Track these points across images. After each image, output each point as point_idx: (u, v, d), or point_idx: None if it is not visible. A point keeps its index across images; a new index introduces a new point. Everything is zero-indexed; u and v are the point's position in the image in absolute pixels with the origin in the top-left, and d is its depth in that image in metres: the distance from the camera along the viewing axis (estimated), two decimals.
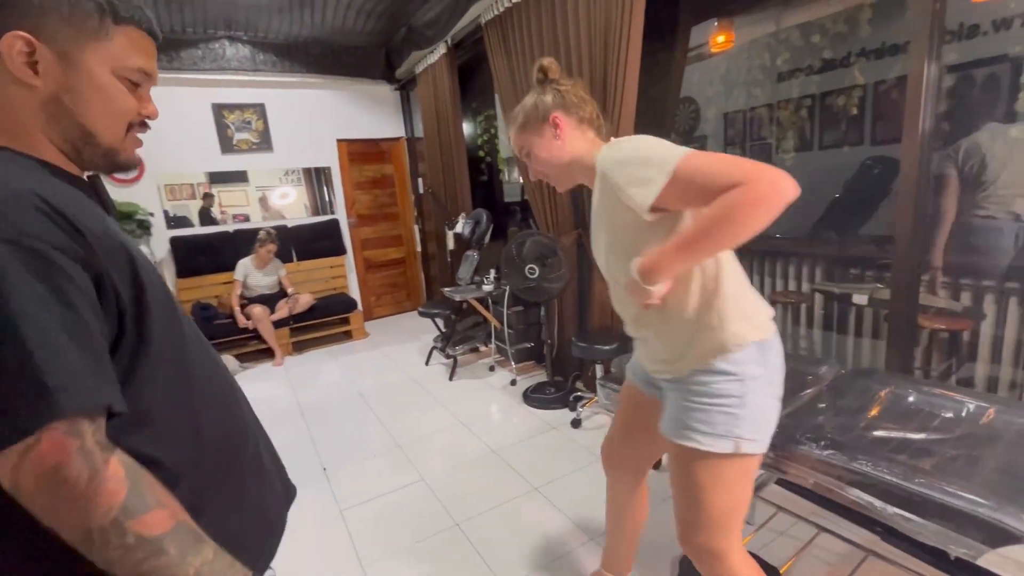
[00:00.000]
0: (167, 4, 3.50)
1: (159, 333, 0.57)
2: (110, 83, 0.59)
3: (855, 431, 1.16)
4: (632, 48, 2.19)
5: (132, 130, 0.63)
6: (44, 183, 0.52)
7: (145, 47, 0.62)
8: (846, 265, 2.74)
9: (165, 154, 4.16)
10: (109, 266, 0.52)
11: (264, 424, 2.09)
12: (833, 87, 3.40)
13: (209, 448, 0.63)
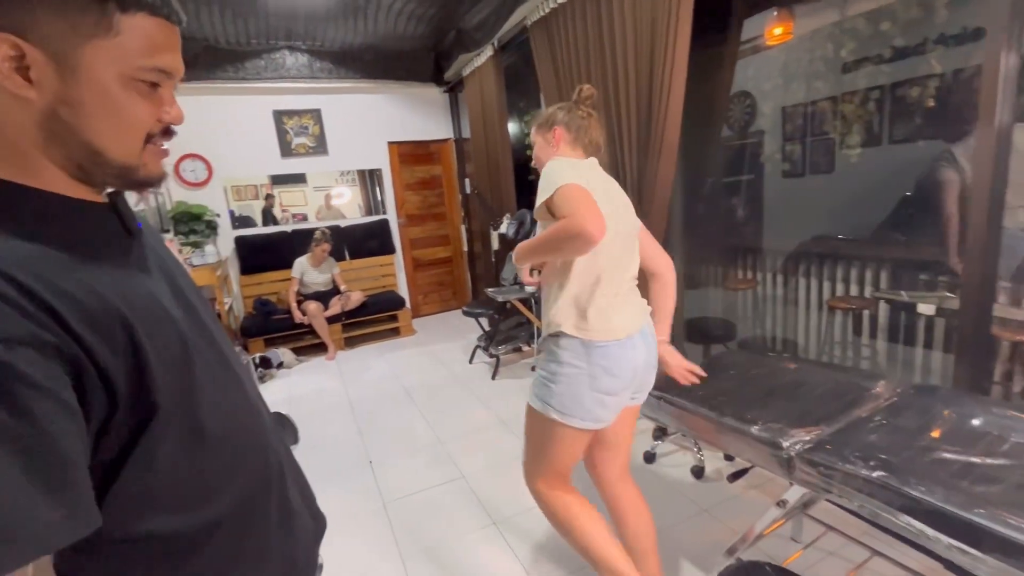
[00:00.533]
0: (234, 18, 3.72)
1: (165, 398, 0.49)
2: (118, 90, 0.47)
3: (911, 452, 1.08)
4: (680, 45, 2.13)
5: (152, 141, 0.52)
6: (13, 251, 0.43)
7: (163, 39, 0.49)
8: (915, 270, 2.55)
9: (231, 158, 4.44)
10: (94, 340, 0.43)
11: (316, 416, 2.25)
12: (905, 77, 3.17)
13: (228, 506, 0.56)
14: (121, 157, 0.50)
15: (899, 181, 3.09)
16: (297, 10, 3.68)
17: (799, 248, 3.09)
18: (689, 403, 1.41)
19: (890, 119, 3.36)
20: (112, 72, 0.47)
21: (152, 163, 0.53)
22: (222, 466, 0.56)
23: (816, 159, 3.88)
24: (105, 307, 0.46)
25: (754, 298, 3.30)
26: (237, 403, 0.60)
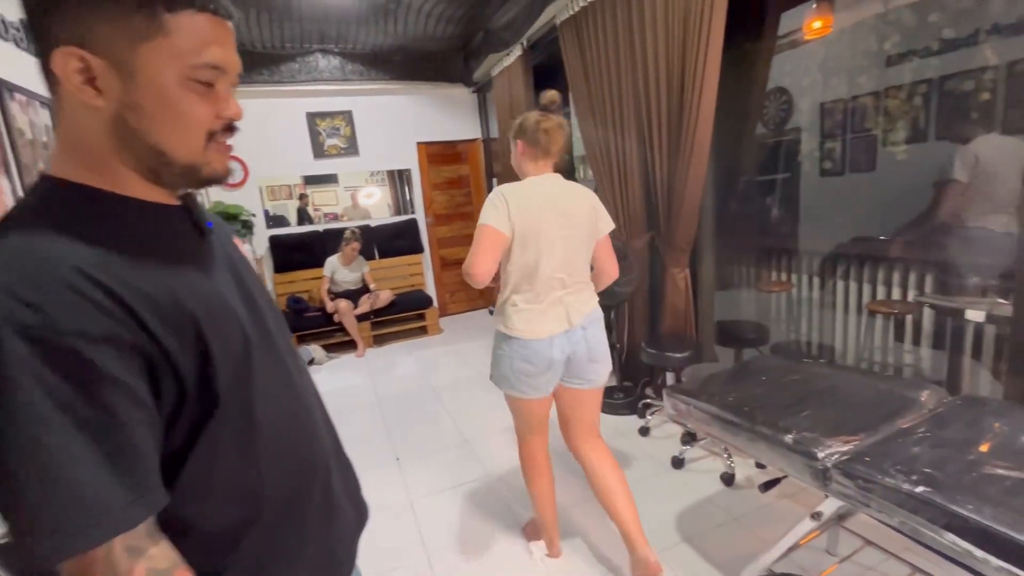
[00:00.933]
0: (269, 23, 3.83)
1: (225, 392, 0.52)
2: (176, 91, 0.48)
3: (957, 467, 1.03)
4: (713, 41, 2.08)
5: (214, 139, 0.52)
6: (92, 252, 0.45)
7: (214, 35, 0.49)
8: (964, 273, 2.42)
9: (266, 159, 4.56)
10: (166, 337, 0.47)
11: (345, 412, 2.29)
12: (955, 70, 3.01)
13: (272, 501, 0.58)
14: (185, 157, 0.51)
15: None
16: (329, 14, 3.75)
17: (837, 249, 2.97)
18: (719, 408, 1.38)
19: (937, 114, 3.20)
20: (168, 73, 0.48)
21: (216, 160, 0.54)
22: (271, 460, 0.57)
23: (856, 157, 3.74)
24: (177, 305, 0.48)
25: (789, 301, 3.19)
26: (290, 398, 0.62)
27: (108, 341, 0.43)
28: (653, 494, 2.08)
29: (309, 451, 0.64)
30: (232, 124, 0.54)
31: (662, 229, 2.60)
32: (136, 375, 0.45)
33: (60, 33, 0.45)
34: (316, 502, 0.64)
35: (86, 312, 0.42)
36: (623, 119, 2.68)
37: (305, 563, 0.62)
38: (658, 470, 2.26)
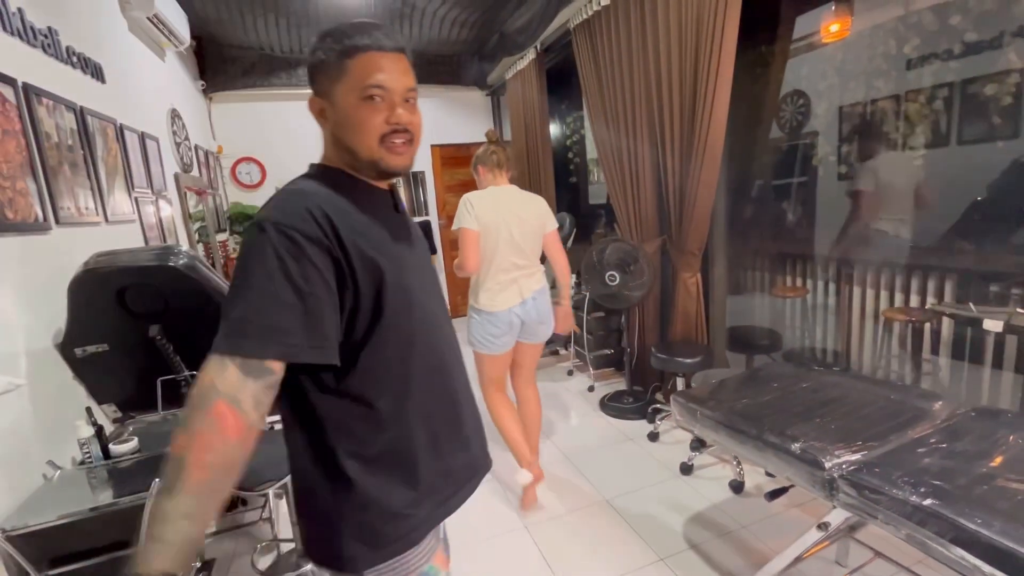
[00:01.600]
0: (288, 28, 3.89)
1: (391, 314, 0.71)
2: (355, 108, 0.72)
3: (968, 479, 1.01)
4: (726, 45, 2.07)
5: (387, 140, 0.73)
6: (329, 199, 0.71)
7: (374, 64, 0.72)
8: (985, 281, 2.36)
9: (283, 161, 4.64)
10: (355, 261, 0.68)
11: None
12: (978, 73, 2.95)
13: (413, 405, 0.76)
14: (366, 155, 0.74)
15: (968, 185, 2.88)
16: (346, 18, 3.81)
17: (854, 255, 2.93)
18: (726, 416, 1.37)
19: (960, 118, 3.14)
20: (351, 98, 0.72)
21: (388, 157, 0.75)
22: (418, 374, 0.76)
23: None
24: (368, 243, 0.70)
25: (803, 307, 3.15)
26: (436, 332, 0.81)
27: (317, 243, 0.65)
28: (661, 500, 2.07)
29: (445, 376, 0.82)
30: (399, 128, 0.73)
31: (673, 233, 2.59)
32: (328, 271, 0.66)
33: (313, 87, 0.76)
34: (448, 420, 0.81)
35: (308, 223, 0.66)
36: (635, 122, 2.68)
37: (428, 463, 0.77)
38: (667, 476, 2.24)
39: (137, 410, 1.89)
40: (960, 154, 3.13)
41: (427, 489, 0.76)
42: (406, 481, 0.74)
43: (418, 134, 0.77)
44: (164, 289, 1.63)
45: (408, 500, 0.74)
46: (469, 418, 0.87)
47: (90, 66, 2.09)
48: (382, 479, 0.72)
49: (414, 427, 0.75)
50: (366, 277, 0.69)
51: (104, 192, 2.05)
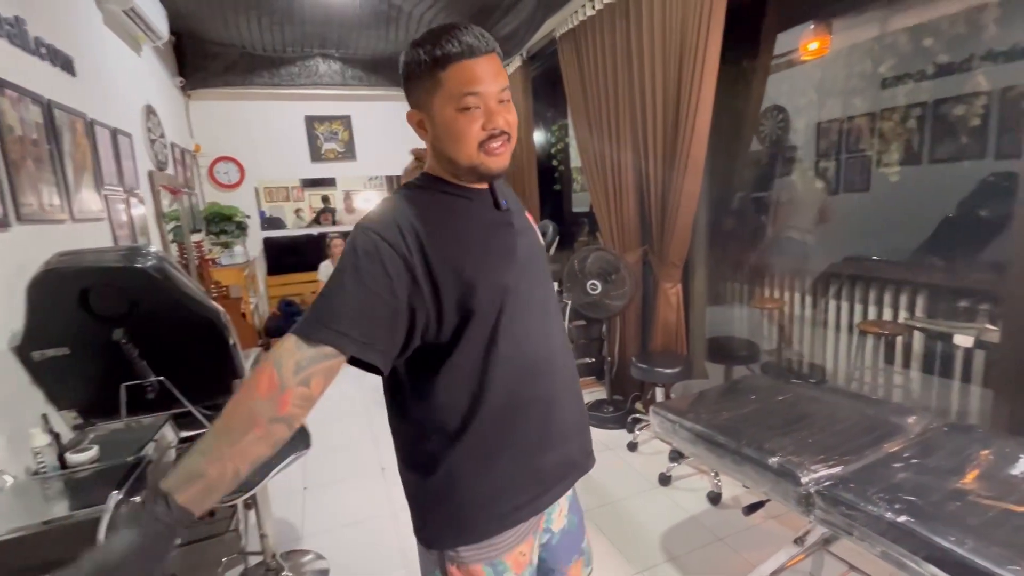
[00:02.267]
0: (271, 26, 3.84)
1: (480, 312, 0.74)
2: (453, 119, 0.73)
3: (941, 495, 1.02)
4: (709, 59, 2.09)
5: (484, 146, 0.75)
6: (425, 211, 0.75)
7: (467, 73, 0.71)
8: (954, 296, 2.42)
9: (263, 161, 4.56)
10: (436, 273, 0.72)
11: (333, 419, 2.33)
12: (949, 94, 3.04)
13: (495, 406, 0.78)
14: (466, 161, 0.75)
15: (939, 202, 2.96)
16: (331, 19, 3.77)
17: (830, 268, 2.99)
18: (704, 428, 1.37)
19: (931, 137, 3.23)
20: (448, 109, 0.73)
21: (487, 161, 0.75)
22: (500, 371, 0.77)
23: (851, 177, 3.76)
24: (460, 253, 0.74)
25: (780, 318, 3.19)
26: (532, 336, 0.81)
27: (396, 253, 0.70)
28: (639, 511, 2.06)
29: (537, 376, 0.82)
30: (496, 132, 0.74)
31: (655, 243, 2.60)
32: (401, 281, 0.70)
33: (409, 100, 0.78)
34: (536, 420, 0.82)
35: (393, 233, 0.70)
36: (619, 132, 2.69)
37: (504, 467, 0.79)
38: (645, 486, 2.24)
39: (100, 416, 1.81)
40: (932, 172, 3.22)
41: (508, 485, 0.80)
42: (485, 477, 0.79)
43: (515, 132, 0.78)
44: (130, 291, 1.56)
45: (486, 495, 0.79)
46: (567, 417, 0.87)
47: (60, 58, 2.02)
48: (462, 473, 0.78)
49: (495, 427, 0.79)
50: (450, 287, 0.73)
51: (71, 189, 1.97)
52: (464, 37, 0.71)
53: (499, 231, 0.81)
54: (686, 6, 2.12)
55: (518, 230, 0.84)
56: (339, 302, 0.68)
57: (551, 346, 0.85)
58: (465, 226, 0.79)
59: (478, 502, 0.79)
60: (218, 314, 1.74)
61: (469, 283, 0.73)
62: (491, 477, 0.79)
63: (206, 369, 1.86)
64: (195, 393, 1.87)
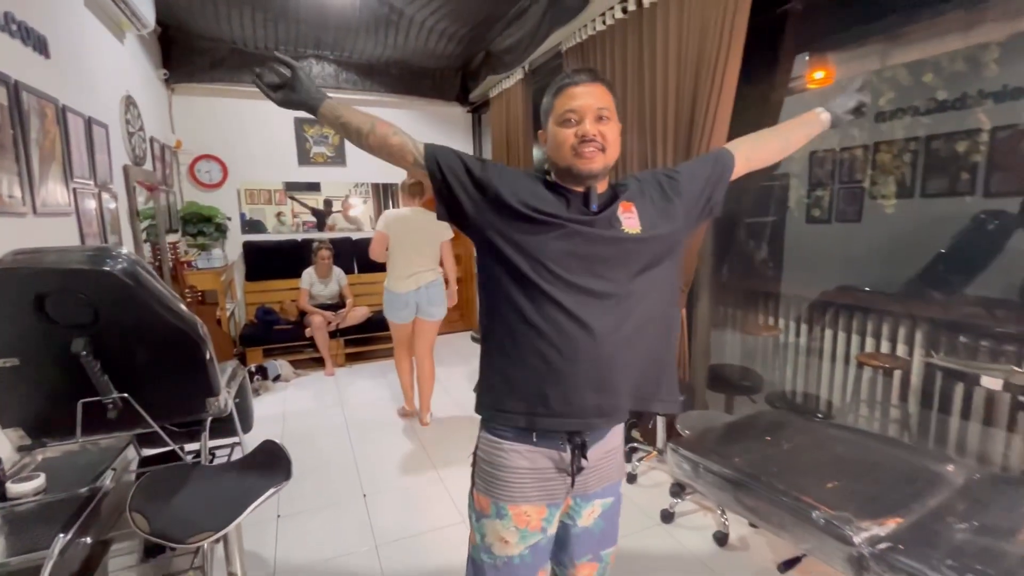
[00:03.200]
0: (264, 23, 3.69)
1: (517, 261, 0.94)
2: (556, 133, 0.97)
3: (1013, 563, 0.92)
4: (727, 82, 2.03)
5: (576, 150, 0.94)
6: (522, 178, 1.00)
7: (567, 96, 0.97)
8: (951, 330, 2.39)
9: (247, 162, 4.36)
10: (494, 197, 0.96)
11: (310, 437, 2.24)
12: (944, 131, 3.07)
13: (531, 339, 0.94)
14: (563, 164, 0.97)
15: (931, 236, 2.96)
16: (329, 19, 3.64)
17: (823, 296, 2.96)
18: (735, 473, 1.25)
19: (924, 172, 3.25)
20: (555, 125, 0.97)
21: (577, 163, 0.95)
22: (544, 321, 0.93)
23: (843, 207, 3.77)
24: (521, 201, 0.95)
25: (775, 346, 3.14)
26: (576, 303, 0.93)
27: (484, 178, 0.98)
28: (640, 551, 1.93)
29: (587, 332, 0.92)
30: (587, 138, 0.93)
31: None
32: (472, 189, 0.98)
33: (543, 125, 1.03)
34: (577, 363, 0.93)
35: (492, 168, 0.99)
36: (625, 150, 2.62)
37: (538, 380, 0.95)
38: (646, 523, 2.11)
39: (51, 436, 1.61)
40: (923, 206, 3.23)
41: (533, 400, 0.95)
42: (512, 383, 0.97)
43: (609, 143, 0.96)
44: (96, 297, 1.39)
45: (511, 398, 0.97)
46: (618, 372, 0.95)
47: (32, 37, 1.84)
48: (505, 374, 0.98)
49: (531, 354, 0.94)
50: (500, 218, 0.96)
51: (35, 179, 1.78)
52: (576, 74, 0.98)
53: (584, 224, 0.94)
54: (704, 24, 2.07)
55: (605, 228, 0.96)
56: (446, 156, 1.02)
57: (606, 314, 0.93)
58: (545, 197, 0.97)
59: (504, 398, 0.98)
60: (195, 325, 1.57)
61: (514, 229, 0.94)
62: (516, 388, 0.97)
63: (177, 385, 1.68)
64: (162, 410, 1.68)
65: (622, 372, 0.94)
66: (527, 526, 1.00)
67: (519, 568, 1.02)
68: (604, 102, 0.96)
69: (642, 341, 0.96)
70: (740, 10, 1.94)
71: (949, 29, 2.89)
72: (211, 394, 1.71)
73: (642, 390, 0.99)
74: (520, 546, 1.01)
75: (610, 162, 0.97)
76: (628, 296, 0.94)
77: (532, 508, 1.00)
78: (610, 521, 1.08)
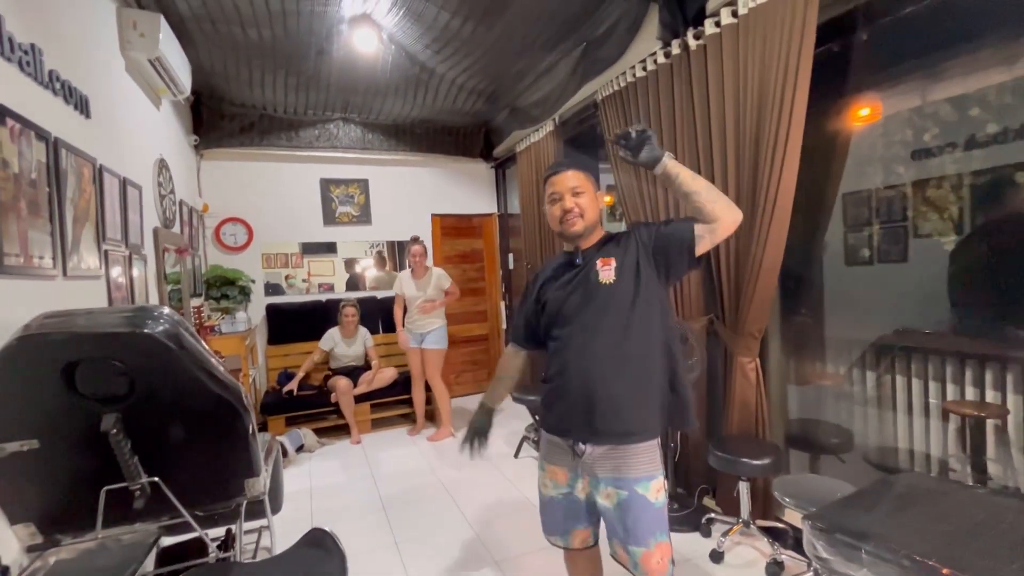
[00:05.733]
0: (296, 88, 3.74)
1: (547, 317, 1.46)
2: (548, 210, 1.44)
3: None
4: (796, 117, 1.93)
5: (562, 220, 1.40)
6: (548, 265, 1.55)
7: (550, 183, 1.44)
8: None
9: (273, 224, 4.31)
10: (538, 289, 1.51)
11: (343, 516, 2.70)
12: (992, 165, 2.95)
13: (560, 376, 1.40)
14: (557, 230, 1.44)
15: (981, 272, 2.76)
16: (359, 82, 3.69)
17: (884, 340, 2.73)
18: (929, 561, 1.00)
19: (972, 208, 3.10)
20: (546, 203, 1.46)
21: (565, 228, 1.41)
22: (562, 353, 1.41)
23: (887, 247, 3.60)
24: (545, 282, 1.50)
25: (842, 396, 2.86)
26: (577, 340, 1.38)
27: (534, 282, 1.55)
28: None
29: (580, 380, 1.36)
30: (568, 209, 1.39)
31: (727, 312, 2.32)
32: (533, 295, 1.53)
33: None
34: (567, 387, 1.38)
35: (532, 280, 1.58)
36: None
37: (554, 398, 1.44)
38: None
39: (66, 531, 1.38)
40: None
41: (550, 410, 1.46)
42: (545, 396, 1.47)
43: (585, 209, 1.39)
44: (133, 365, 1.21)
45: (545, 405, 1.47)
46: (593, 393, 1.33)
47: (75, 96, 1.78)
48: (547, 387, 1.46)
49: (556, 378, 1.42)
50: (538, 302, 1.49)
51: (67, 240, 1.66)
52: (558, 166, 1.45)
53: (570, 277, 1.42)
54: (765, 57, 1.99)
55: (582, 278, 1.39)
56: (516, 327, 1.62)
57: (600, 348, 1.34)
58: (556, 272, 1.48)
59: (545, 406, 1.47)
60: (239, 393, 1.38)
61: (544, 299, 1.47)
62: (545, 400, 1.47)
63: (214, 465, 1.46)
64: (195, 495, 1.45)
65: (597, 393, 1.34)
66: (555, 478, 1.45)
67: (554, 503, 1.47)
68: (577, 182, 1.39)
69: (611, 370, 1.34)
70: (806, 39, 1.86)
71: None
72: (251, 474, 1.49)
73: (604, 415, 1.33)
74: (554, 492, 1.46)
75: (589, 223, 1.39)
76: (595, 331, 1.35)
77: (558, 468, 1.44)
78: (630, 516, 1.31)
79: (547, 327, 1.44)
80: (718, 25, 2.19)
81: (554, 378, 1.40)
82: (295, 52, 3.17)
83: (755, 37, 2.03)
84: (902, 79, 3.18)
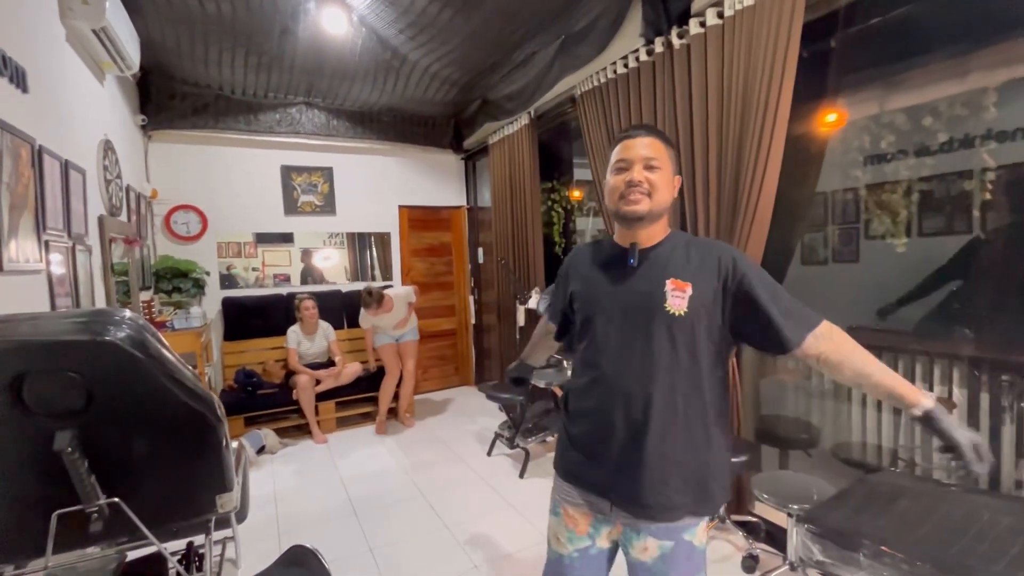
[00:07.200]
0: (256, 69, 3.51)
1: (576, 327, 1.22)
2: (610, 180, 1.13)
3: None
4: (779, 120, 1.96)
5: (623, 196, 1.09)
6: (586, 252, 1.26)
7: (621, 147, 1.11)
8: (993, 369, 2.30)
9: (229, 212, 4.06)
10: (574, 285, 1.23)
11: (310, 522, 2.49)
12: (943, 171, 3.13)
13: (578, 400, 1.19)
14: (612, 208, 1.13)
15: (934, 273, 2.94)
16: (325, 65, 3.50)
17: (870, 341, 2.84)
18: (929, 567, 1.03)
19: (919, 213, 3.29)
20: (609, 174, 1.14)
21: (623, 206, 1.09)
22: (583, 365, 1.18)
23: (840, 248, 3.78)
24: (572, 275, 1.26)
25: (803, 390, 2.98)
26: (603, 357, 1.11)
27: (565, 274, 1.29)
28: None
29: (602, 386, 1.11)
30: (634, 184, 1.07)
31: None
32: (562, 285, 1.30)
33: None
34: (590, 423, 1.15)
35: (566, 266, 1.30)
36: None
37: (571, 444, 1.19)
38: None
39: (11, 559, 1.23)
40: (923, 245, 3.23)
41: (567, 455, 1.20)
42: (564, 439, 1.22)
43: (657, 187, 1.07)
44: (91, 376, 1.07)
45: (561, 448, 1.23)
46: (623, 445, 1.07)
47: (10, 67, 1.58)
48: (565, 429, 1.21)
49: (576, 412, 1.18)
50: (570, 296, 1.24)
51: (3, 230, 1.47)
52: (633, 129, 1.12)
53: (625, 275, 1.11)
54: (751, 59, 2.01)
55: (642, 281, 1.08)
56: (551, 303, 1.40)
57: (629, 371, 1.06)
58: (597, 267, 1.18)
59: (560, 450, 1.24)
60: (212, 404, 1.27)
61: (574, 299, 1.21)
62: (565, 441, 1.21)
63: (181, 480, 1.34)
64: (160, 514, 1.33)
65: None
66: (574, 526, 1.15)
67: (563, 565, 1.17)
68: (654, 152, 1.07)
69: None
70: (792, 42, 1.89)
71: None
72: (223, 489, 1.38)
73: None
74: (569, 547, 1.16)
75: (656, 207, 1.07)
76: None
77: (580, 514, 1.15)
78: (676, 570, 1.06)
79: (578, 338, 1.17)
80: (703, 25, 2.19)
81: (583, 417, 1.12)
82: (257, 29, 2.96)
83: (741, 38, 2.04)
84: (863, 87, 3.30)
